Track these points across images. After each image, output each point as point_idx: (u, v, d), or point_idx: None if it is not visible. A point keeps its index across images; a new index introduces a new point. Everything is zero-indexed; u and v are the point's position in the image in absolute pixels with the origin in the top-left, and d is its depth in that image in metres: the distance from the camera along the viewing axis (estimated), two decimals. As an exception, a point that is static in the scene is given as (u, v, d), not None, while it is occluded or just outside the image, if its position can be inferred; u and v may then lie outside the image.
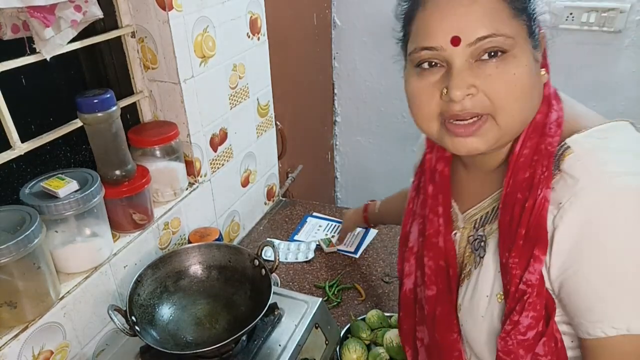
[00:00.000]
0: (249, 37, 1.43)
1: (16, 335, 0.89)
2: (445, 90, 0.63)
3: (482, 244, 0.72)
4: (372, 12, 2.06)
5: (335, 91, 2.30)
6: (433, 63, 0.64)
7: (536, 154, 0.65)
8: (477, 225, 0.75)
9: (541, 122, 0.66)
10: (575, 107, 0.70)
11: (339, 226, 1.60)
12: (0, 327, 0.89)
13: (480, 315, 0.71)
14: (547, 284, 0.64)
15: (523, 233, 0.63)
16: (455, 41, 0.60)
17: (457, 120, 0.64)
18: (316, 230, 1.61)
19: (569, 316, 0.65)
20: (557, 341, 0.65)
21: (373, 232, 1.56)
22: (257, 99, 1.55)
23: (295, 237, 1.58)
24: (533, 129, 0.66)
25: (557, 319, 0.65)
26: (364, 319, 1.23)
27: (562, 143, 0.63)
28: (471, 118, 0.63)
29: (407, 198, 0.90)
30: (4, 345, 0.87)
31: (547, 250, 0.62)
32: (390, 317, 1.23)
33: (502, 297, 0.68)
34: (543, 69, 0.66)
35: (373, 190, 2.43)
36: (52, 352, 0.97)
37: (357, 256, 1.48)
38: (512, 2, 0.61)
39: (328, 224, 1.64)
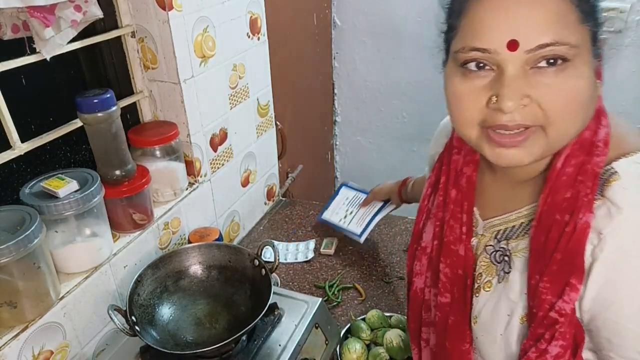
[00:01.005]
0: (249, 37, 1.43)
1: (16, 335, 0.89)
2: (495, 99, 0.56)
3: (507, 259, 0.68)
4: (372, 12, 2.06)
5: (335, 91, 2.30)
6: (481, 65, 0.57)
7: (581, 174, 0.60)
8: (499, 237, 0.70)
9: (589, 140, 0.61)
10: (619, 123, 0.64)
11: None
12: (0, 327, 0.89)
13: (499, 333, 0.68)
14: (578, 314, 0.61)
15: (559, 258, 0.59)
16: (513, 46, 0.53)
17: (502, 130, 0.58)
18: (343, 203, 1.56)
19: (596, 347, 0.62)
20: None
21: (383, 213, 1.46)
22: (257, 99, 1.55)
23: (325, 214, 1.57)
24: (580, 146, 0.61)
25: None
26: (364, 319, 1.23)
27: (609, 167, 0.59)
28: (518, 129, 0.57)
29: (422, 193, 0.84)
30: (4, 345, 0.87)
31: (583, 281, 0.58)
32: (390, 317, 1.23)
33: (525, 320, 0.65)
34: (598, 81, 0.59)
35: (373, 190, 2.43)
36: (52, 352, 0.97)
37: (360, 240, 1.44)
38: (580, 4, 0.54)
39: (356, 194, 1.57)
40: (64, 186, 0.95)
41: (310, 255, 1.49)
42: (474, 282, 0.73)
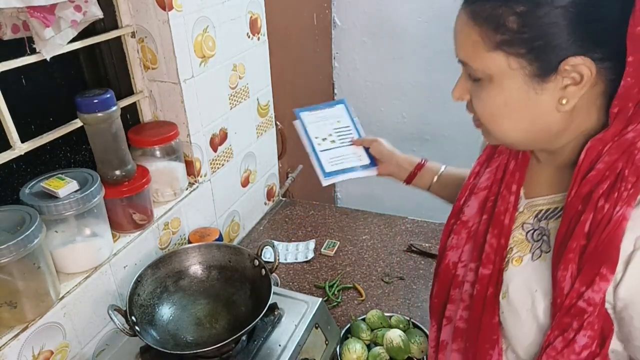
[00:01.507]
0: (249, 37, 1.43)
1: (16, 335, 0.89)
2: None
3: (545, 238, 0.71)
4: (372, 12, 2.06)
5: (335, 91, 2.31)
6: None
7: (609, 170, 0.62)
8: (540, 216, 0.73)
9: (629, 140, 0.62)
10: None
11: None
12: (0, 327, 0.90)
13: (526, 308, 0.70)
14: (610, 299, 0.62)
15: (588, 249, 0.61)
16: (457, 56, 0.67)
17: None
18: (330, 122, 1.23)
19: (625, 337, 0.63)
20: None
21: (364, 172, 1.19)
22: (257, 99, 1.55)
23: (304, 115, 1.23)
24: (618, 145, 0.62)
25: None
26: (364, 319, 1.23)
27: None
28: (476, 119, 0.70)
29: (470, 171, 0.88)
30: (4, 345, 0.87)
31: (620, 268, 0.60)
32: (390, 317, 1.23)
33: (548, 295, 0.67)
34: (566, 99, 0.62)
35: (373, 190, 2.43)
36: (52, 352, 0.97)
37: (323, 182, 1.15)
38: (488, 37, 0.62)
39: (348, 124, 1.23)
40: (64, 186, 0.95)
41: (310, 255, 1.49)
42: (505, 255, 0.76)
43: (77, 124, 1.07)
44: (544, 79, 0.62)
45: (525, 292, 0.70)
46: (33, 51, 0.95)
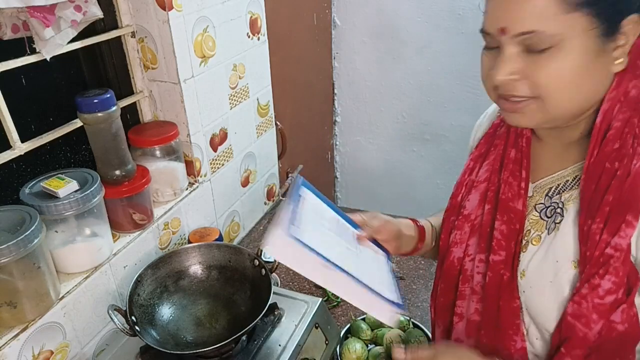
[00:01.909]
0: (249, 37, 1.43)
1: (16, 335, 0.89)
2: (492, 72, 0.67)
3: (559, 210, 0.73)
4: (372, 12, 2.06)
5: (335, 91, 2.30)
6: (491, 45, 0.68)
7: (627, 127, 0.66)
8: (551, 194, 0.75)
9: (635, 96, 0.67)
10: None
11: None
12: (0, 327, 0.89)
13: (549, 280, 0.71)
14: (634, 252, 0.65)
15: (610, 200, 0.65)
16: (502, 31, 0.64)
17: (504, 98, 0.68)
18: (318, 221, 0.82)
19: None
20: (635, 313, 0.65)
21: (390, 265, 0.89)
22: (257, 99, 1.55)
23: (299, 234, 0.73)
24: (626, 103, 0.67)
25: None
26: (364, 319, 1.23)
27: None
28: (514, 98, 0.67)
29: (463, 169, 0.88)
30: (4, 345, 0.87)
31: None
32: (390, 317, 1.23)
33: (577, 264, 0.68)
34: (621, 58, 0.65)
35: (373, 190, 2.43)
36: (52, 352, 0.97)
37: (403, 311, 0.80)
38: None
39: (326, 210, 0.88)
40: (64, 186, 0.95)
41: (310, 255, 1.48)
42: (522, 239, 0.77)
43: (77, 124, 1.07)
44: (609, 39, 0.63)
45: (545, 265, 0.72)
46: (33, 51, 0.95)
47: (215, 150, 1.39)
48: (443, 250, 0.87)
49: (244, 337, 1.02)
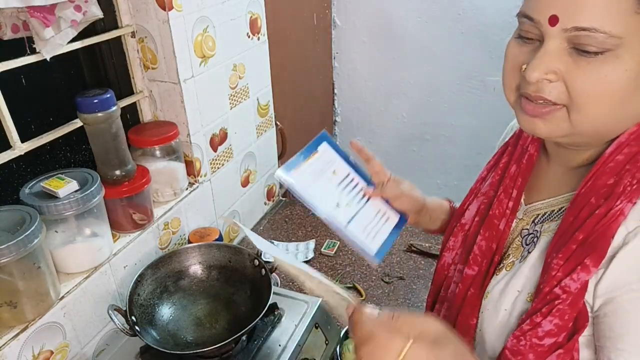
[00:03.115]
0: (249, 37, 1.43)
1: (16, 335, 0.89)
2: (524, 67, 0.58)
3: (535, 239, 0.69)
4: (372, 12, 2.06)
5: (335, 91, 2.30)
6: (530, 35, 0.59)
7: (630, 164, 0.59)
8: (536, 220, 0.71)
9: None
10: None
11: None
12: (0, 327, 0.89)
13: (504, 308, 0.68)
14: (589, 298, 0.59)
15: (580, 238, 0.59)
16: (553, 21, 0.55)
17: (527, 99, 0.60)
18: (327, 174, 0.90)
19: (595, 336, 0.60)
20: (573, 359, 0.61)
21: (398, 229, 0.93)
22: (257, 99, 1.55)
23: (299, 181, 0.86)
24: (638, 137, 0.60)
25: (581, 339, 0.60)
26: (364, 319, 1.23)
27: None
28: (542, 101, 0.58)
29: (478, 177, 0.86)
30: (4, 345, 0.87)
31: (604, 263, 0.57)
32: (390, 317, 1.23)
33: (532, 297, 0.65)
34: None
35: (373, 190, 2.43)
36: (52, 352, 0.97)
37: (376, 261, 0.87)
38: None
39: (346, 169, 0.93)
40: (64, 186, 0.95)
41: (310, 255, 1.49)
42: (501, 261, 0.74)
43: (77, 124, 1.07)
44: None
45: (506, 292, 0.69)
46: (33, 51, 0.95)
47: (215, 150, 1.39)
48: (440, 254, 0.88)
49: (244, 337, 1.02)
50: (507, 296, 0.69)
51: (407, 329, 0.51)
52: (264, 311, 0.95)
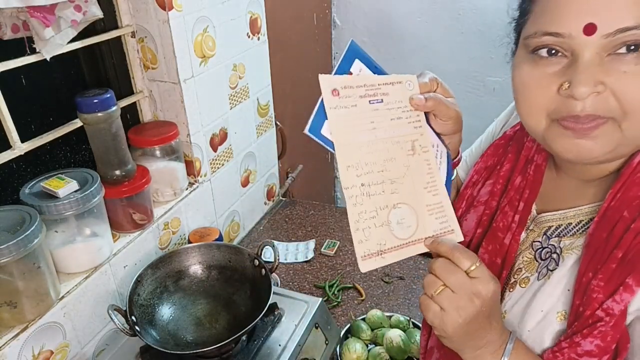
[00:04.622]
0: (249, 37, 1.43)
1: (16, 335, 0.89)
2: (567, 85, 0.52)
3: (555, 256, 0.64)
4: (372, 12, 2.06)
5: (335, 91, 2.30)
6: (553, 51, 0.53)
7: None
8: (549, 234, 0.66)
9: None
10: None
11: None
12: (0, 327, 0.89)
13: (527, 329, 0.64)
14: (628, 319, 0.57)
15: (619, 256, 0.55)
16: (590, 29, 0.49)
17: (573, 120, 0.54)
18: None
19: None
20: None
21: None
22: (257, 99, 1.55)
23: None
24: None
25: None
26: (364, 319, 1.23)
27: None
28: (594, 118, 0.53)
29: (466, 181, 0.80)
30: (4, 345, 0.87)
31: None
32: (390, 317, 1.23)
33: (564, 316, 0.61)
34: None
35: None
36: (52, 352, 0.97)
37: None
38: None
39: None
40: (64, 186, 0.95)
41: (310, 255, 1.49)
42: (510, 275, 0.70)
43: (77, 124, 1.07)
44: None
45: (529, 313, 0.65)
46: (33, 51, 0.95)
47: (215, 150, 1.39)
48: None
49: (244, 337, 1.02)
50: (531, 317, 0.64)
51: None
52: (264, 311, 0.95)
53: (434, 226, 0.64)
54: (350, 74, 0.66)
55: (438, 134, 0.68)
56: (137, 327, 0.95)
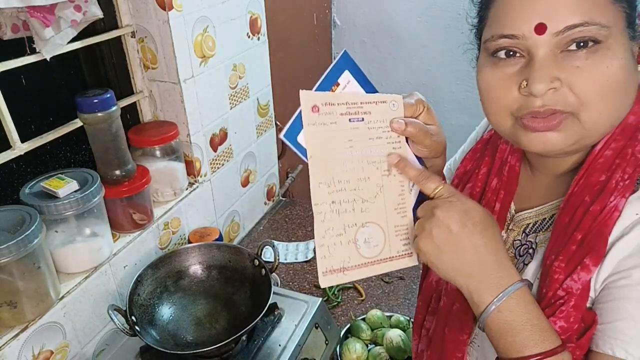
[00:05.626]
0: (249, 37, 1.43)
1: (16, 335, 0.89)
2: (525, 83, 0.55)
3: (531, 251, 0.67)
4: (372, 12, 2.06)
5: (335, 91, 2.31)
6: (511, 52, 0.57)
7: (619, 158, 0.58)
8: (527, 231, 0.69)
9: (633, 125, 0.59)
10: None
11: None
12: (0, 327, 0.90)
13: None
14: (592, 294, 0.58)
15: (579, 238, 0.58)
16: (540, 29, 0.53)
17: (534, 116, 0.57)
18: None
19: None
20: (578, 356, 0.59)
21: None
22: (257, 99, 1.55)
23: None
24: (621, 130, 0.59)
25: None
26: (364, 319, 1.23)
27: None
28: (551, 114, 0.56)
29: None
30: (4, 345, 0.87)
31: (601, 261, 0.56)
32: (390, 317, 1.23)
33: None
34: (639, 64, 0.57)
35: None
36: (52, 352, 0.97)
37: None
38: None
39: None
40: (64, 186, 0.95)
41: (310, 255, 1.49)
42: None
43: (77, 124, 1.07)
44: (635, 42, 0.56)
45: None
46: (33, 51, 0.95)
47: (215, 150, 1.39)
48: (425, 269, 0.85)
49: (244, 337, 1.02)
50: None
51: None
52: (264, 311, 0.95)
53: (398, 247, 0.65)
54: (338, 84, 0.67)
55: (419, 157, 0.69)
56: (137, 327, 0.95)
